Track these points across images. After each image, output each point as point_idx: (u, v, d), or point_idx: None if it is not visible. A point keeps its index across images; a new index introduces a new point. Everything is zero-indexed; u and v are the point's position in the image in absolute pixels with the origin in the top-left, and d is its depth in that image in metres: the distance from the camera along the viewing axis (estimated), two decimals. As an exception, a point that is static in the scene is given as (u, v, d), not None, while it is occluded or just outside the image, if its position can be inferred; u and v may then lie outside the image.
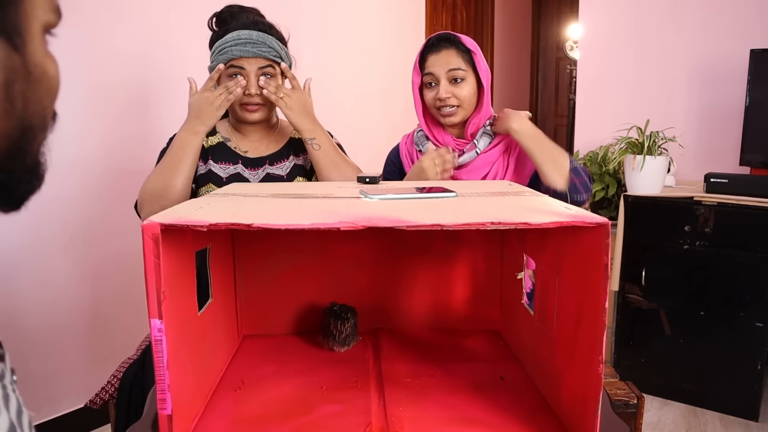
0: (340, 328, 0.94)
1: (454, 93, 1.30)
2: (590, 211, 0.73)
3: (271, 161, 1.32)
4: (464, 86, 1.30)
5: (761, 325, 1.94)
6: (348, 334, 0.95)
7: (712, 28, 2.44)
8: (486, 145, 1.35)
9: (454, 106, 1.31)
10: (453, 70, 1.29)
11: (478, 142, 1.34)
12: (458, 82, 1.30)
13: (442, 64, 1.30)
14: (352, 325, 0.96)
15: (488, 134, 1.35)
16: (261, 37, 1.23)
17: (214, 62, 1.26)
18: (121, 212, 1.91)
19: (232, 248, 0.97)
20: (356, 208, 0.70)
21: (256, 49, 1.22)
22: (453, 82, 1.30)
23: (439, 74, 1.30)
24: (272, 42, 1.25)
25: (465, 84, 1.30)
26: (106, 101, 1.86)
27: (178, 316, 0.67)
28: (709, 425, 1.99)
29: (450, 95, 1.29)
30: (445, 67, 1.29)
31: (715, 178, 2.06)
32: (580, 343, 0.67)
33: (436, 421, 0.73)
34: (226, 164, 1.29)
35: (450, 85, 1.30)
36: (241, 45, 1.22)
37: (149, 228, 0.59)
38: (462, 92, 1.30)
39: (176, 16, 2.03)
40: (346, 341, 0.96)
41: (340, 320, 0.95)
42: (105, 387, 1.24)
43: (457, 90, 1.30)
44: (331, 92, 2.83)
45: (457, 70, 1.29)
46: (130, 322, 1.97)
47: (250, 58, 1.23)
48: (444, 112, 1.32)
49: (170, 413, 0.63)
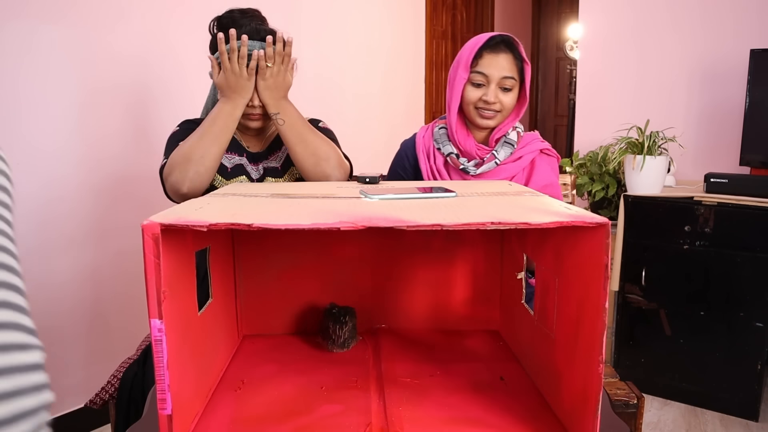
0: (339, 333, 0.94)
1: (501, 99, 1.30)
2: (590, 211, 0.73)
3: (267, 154, 1.35)
4: (511, 95, 1.30)
5: (761, 325, 1.94)
6: (347, 337, 0.95)
7: (712, 28, 2.44)
8: (506, 156, 1.34)
9: (495, 111, 1.31)
10: (507, 78, 1.28)
11: (498, 152, 1.33)
12: (507, 90, 1.30)
13: (498, 68, 1.28)
14: (351, 328, 0.96)
15: (510, 144, 1.35)
16: (262, 47, 1.22)
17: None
18: (121, 212, 1.91)
19: (232, 248, 0.98)
20: (356, 208, 0.70)
21: (255, 63, 1.21)
22: (502, 89, 1.30)
23: (492, 77, 1.28)
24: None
25: (512, 93, 1.30)
26: (105, 103, 1.86)
27: (178, 316, 0.67)
28: (709, 425, 1.99)
29: (497, 101, 1.29)
30: (501, 72, 1.28)
31: (715, 178, 2.06)
32: (580, 343, 0.67)
33: (436, 421, 0.73)
34: (232, 155, 1.30)
35: (499, 90, 1.29)
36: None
37: (149, 228, 0.59)
38: (507, 100, 1.30)
39: (176, 18, 2.03)
40: (345, 344, 0.96)
41: (339, 324, 0.95)
42: (105, 387, 1.24)
43: (504, 97, 1.30)
44: (331, 92, 2.83)
45: (510, 79, 1.29)
46: (130, 322, 1.97)
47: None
48: (485, 114, 1.31)
49: (170, 413, 0.63)
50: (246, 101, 1.22)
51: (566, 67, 5.03)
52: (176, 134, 1.28)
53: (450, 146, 1.37)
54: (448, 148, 1.36)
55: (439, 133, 1.40)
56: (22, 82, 1.65)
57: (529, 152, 1.37)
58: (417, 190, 0.85)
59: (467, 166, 1.34)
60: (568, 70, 4.66)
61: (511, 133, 1.36)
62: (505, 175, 1.35)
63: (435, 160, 1.39)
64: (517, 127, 1.38)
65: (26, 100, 1.67)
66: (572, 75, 4.25)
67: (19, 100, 1.65)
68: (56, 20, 1.70)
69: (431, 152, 1.40)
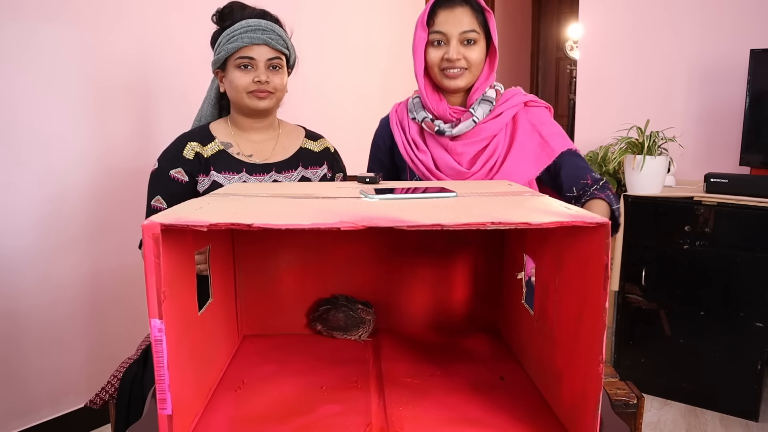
0: (335, 317, 0.99)
1: (465, 55, 1.20)
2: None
3: (279, 169, 1.31)
4: (476, 49, 1.21)
5: (761, 325, 1.94)
6: (345, 324, 0.99)
7: (711, 28, 2.44)
8: (485, 114, 1.24)
9: (461, 69, 1.21)
10: (467, 31, 1.19)
11: (476, 109, 1.23)
12: (470, 44, 1.20)
13: (455, 23, 1.19)
14: (350, 315, 0.99)
15: (488, 101, 1.24)
16: (270, 25, 1.24)
17: (220, 53, 1.26)
18: (121, 212, 1.91)
19: (232, 248, 0.97)
20: (356, 208, 0.70)
21: (266, 36, 1.23)
22: (465, 44, 1.20)
23: (451, 34, 1.19)
24: (281, 32, 1.27)
25: (476, 47, 1.21)
26: (106, 101, 1.86)
27: (178, 316, 0.67)
28: (709, 425, 1.99)
29: (460, 57, 1.20)
30: (458, 27, 1.19)
31: (715, 178, 2.06)
32: (580, 343, 0.67)
33: (436, 421, 0.73)
34: (230, 174, 1.27)
35: (461, 46, 1.20)
36: (251, 32, 1.22)
37: (149, 228, 0.59)
38: (473, 55, 1.20)
39: (177, 16, 2.03)
40: (345, 330, 1.00)
41: (336, 310, 1.00)
42: (105, 387, 1.24)
43: (468, 52, 1.20)
44: (331, 93, 2.83)
45: (471, 32, 1.19)
46: (130, 322, 1.97)
47: (260, 46, 1.23)
48: (450, 73, 1.21)
49: (170, 413, 0.63)
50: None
51: (566, 67, 5.03)
52: (155, 174, 1.26)
53: (424, 112, 1.27)
54: (421, 114, 1.27)
55: (413, 103, 1.31)
56: (23, 81, 1.65)
57: (511, 107, 1.26)
58: (416, 190, 0.86)
59: (443, 127, 1.25)
60: (568, 70, 4.66)
61: (489, 91, 1.26)
62: (485, 134, 1.25)
63: (410, 130, 1.31)
64: (496, 85, 1.28)
65: (27, 100, 1.67)
66: (572, 75, 4.26)
67: (20, 100, 1.65)
68: (57, 18, 1.70)
69: (406, 123, 1.32)
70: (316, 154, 1.38)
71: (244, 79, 1.24)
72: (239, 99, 1.27)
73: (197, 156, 1.26)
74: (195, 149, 1.27)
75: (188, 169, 1.26)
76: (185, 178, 1.25)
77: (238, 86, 1.25)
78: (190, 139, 1.28)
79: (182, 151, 1.26)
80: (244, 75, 1.24)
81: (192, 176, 1.26)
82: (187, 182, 1.26)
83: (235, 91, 1.26)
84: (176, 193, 1.24)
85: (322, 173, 1.38)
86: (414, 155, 1.29)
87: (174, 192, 1.24)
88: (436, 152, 1.28)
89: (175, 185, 1.25)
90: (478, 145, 1.26)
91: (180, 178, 1.25)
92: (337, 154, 1.43)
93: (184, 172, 1.25)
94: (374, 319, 1.01)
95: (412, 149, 1.30)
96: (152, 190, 1.26)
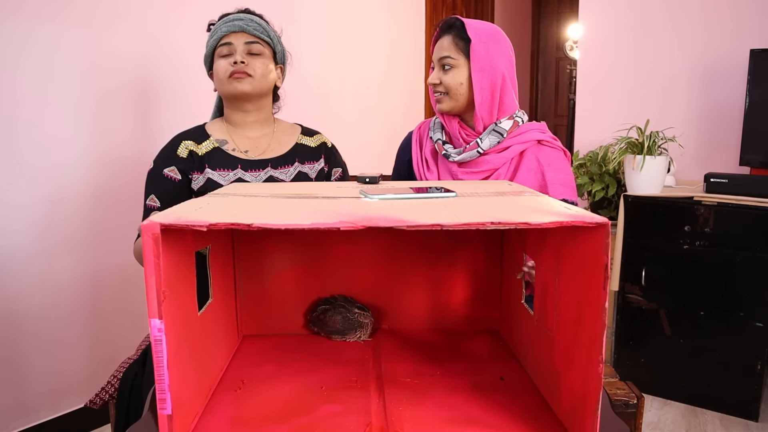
0: (332, 319, 0.99)
1: (442, 79, 1.26)
2: (590, 211, 0.73)
3: (275, 165, 1.31)
4: (450, 73, 1.25)
5: (761, 325, 1.94)
6: (341, 327, 0.99)
7: (711, 28, 2.44)
8: (491, 145, 1.25)
9: (441, 93, 1.27)
10: (443, 57, 1.25)
11: (483, 140, 1.25)
12: (447, 69, 1.25)
13: (438, 50, 1.27)
14: (347, 317, 0.98)
15: (499, 132, 1.25)
16: (248, 16, 1.28)
17: (206, 52, 1.30)
18: (121, 212, 1.91)
19: (232, 248, 0.97)
20: (356, 208, 0.70)
21: (242, 23, 1.26)
22: (443, 69, 1.26)
23: (435, 59, 1.28)
24: (261, 21, 1.29)
25: (452, 72, 1.24)
26: (105, 100, 1.86)
27: (178, 316, 0.67)
28: (709, 425, 1.99)
29: (438, 81, 1.26)
30: (438, 53, 1.26)
31: (715, 178, 2.06)
32: (580, 343, 0.67)
33: (436, 421, 0.73)
34: (225, 171, 1.26)
35: (441, 71, 1.26)
36: (229, 23, 1.27)
37: (149, 228, 0.59)
38: (447, 79, 1.25)
39: (176, 17, 2.03)
40: (341, 333, 0.99)
41: (332, 311, 0.99)
42: (105, 387, 1.24)
43: (445, 77, 1.25)
44: (331, 92, 2.83)
45: (447, 58, 1.25)
46: (130, 322, 1.97)
47: (237, 33, 1.26)
48: (433, 96, 1.29)
49: (170, 413, 0.63)
50: None
51: (566, 67, 5.03)
52: (151, 174, 1.28)
53: (440, 133, 1.33)
54: (437, 135, 1.33)
55: (435, 122, 1.36)
56: (22, 81, 1.65)
57: (520, 143, 1.26)
58: (416, 190, 0.86)
59: (450, 152, 1.28)
60: (568, 70, 4.66)
61: (504, 121, 1.26)
62: (488, 166, 1.26)
63: (426, 148, 1.36)
64: (516, 115, 1.27)
65: (26, 100, 1.67)
66: (572, 75, 4.25)
67: (19, 99, 1.65)
68: (56, 18, 1.70)
69: (424, 140, 1.37)
70: (312, 149, 1.37)
71: (224, 65, 1.26)
72: (222, 87, 1.28)
73: (191, 154, 1.26)
74: (189, 147, 1.27)
75: (181, 168, 1.26)
76: (178, 176, 1.25)
77: (219, 73, 1.26)
78: (185, 138, 1.29)
79: (176, 150, 1.27)
80: (224, 61, 1.26)
81: (185, 174, 1.26)
82: (180, 180, 1.26)
83: (219, 82, 1.27)
84: (170, 192, 1.24)
85: (319, 167, 1.37)
86: (424, 174, 1.34)
87: (168, 190, 1.25)
88: (443, 174, 1.32)
89: (168, 184, 1.25)
90: (480, 175, 1.28)
91: (173, 176, 1.25)
92: (334, 148, 1.42)
93: (178, 170, 1.25)
94: (372, 323, 1.01)
95: (423, 167, 1.35)
96: (148, 189, 1.27)
